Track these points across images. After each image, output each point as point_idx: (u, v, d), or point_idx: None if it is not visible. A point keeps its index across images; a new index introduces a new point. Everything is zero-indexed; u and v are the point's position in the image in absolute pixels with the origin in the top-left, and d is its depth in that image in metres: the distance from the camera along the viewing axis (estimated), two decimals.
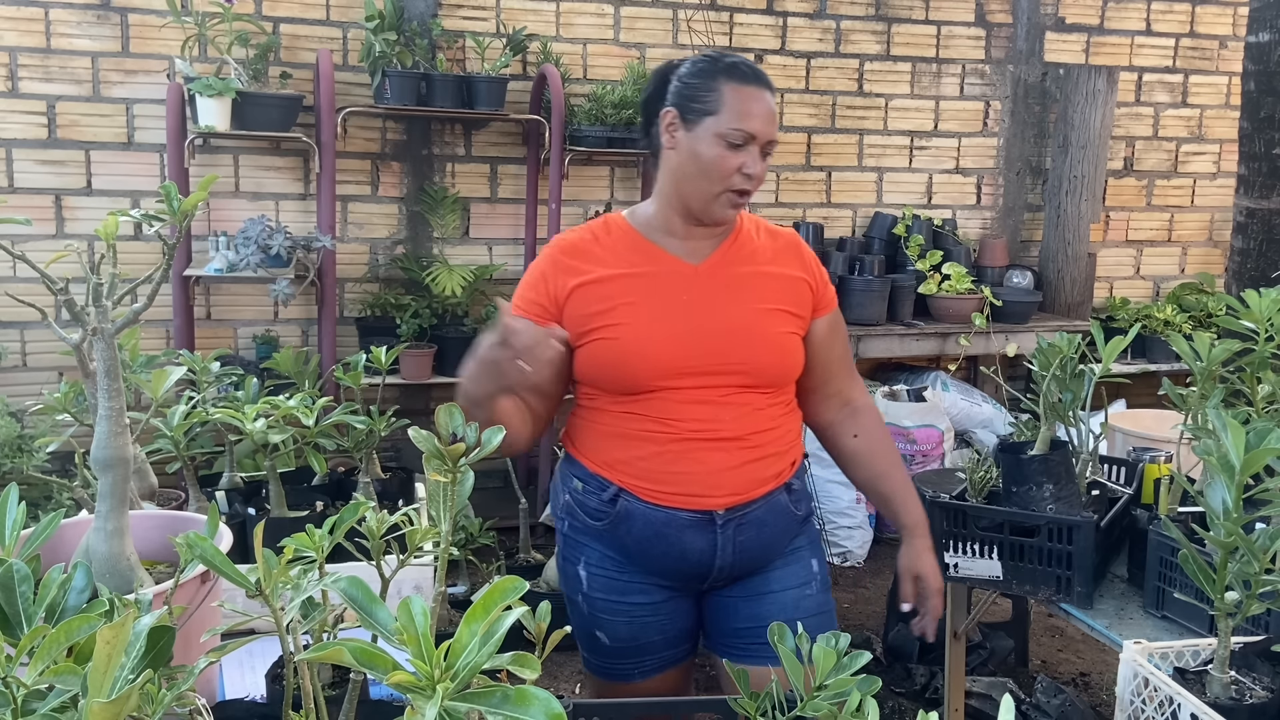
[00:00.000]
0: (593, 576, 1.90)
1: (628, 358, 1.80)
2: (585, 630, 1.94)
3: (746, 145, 1.78)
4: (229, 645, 1.18)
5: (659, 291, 1.83)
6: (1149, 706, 1.45)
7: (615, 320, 1.81)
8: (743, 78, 1.80)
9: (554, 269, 1.86)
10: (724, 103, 1.78)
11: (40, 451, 2.43)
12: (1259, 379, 1.99)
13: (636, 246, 1.88)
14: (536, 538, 4.02)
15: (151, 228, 1.58)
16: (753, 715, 1.34)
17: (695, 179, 1.81)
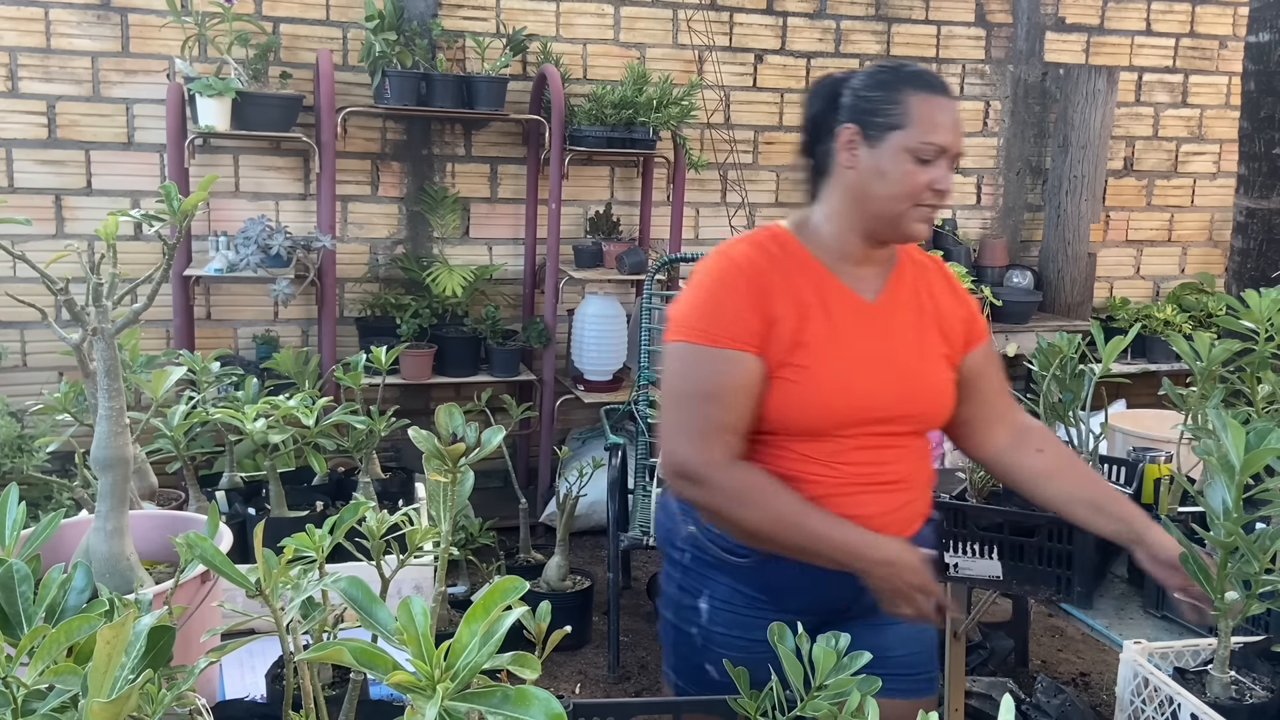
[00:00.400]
0: (715, 610, 1.79)
1: (812, 405, 1.69)
2: (693, 662, 1.83)
3: (937, 159, 1.66)
4: (229, 645, 1.18)
5: (840, 332, 1.71)
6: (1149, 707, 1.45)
7: (801, 363, 1.68)
8: (929, 87, 1.68)
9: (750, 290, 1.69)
10: (912, 115, 1.66)
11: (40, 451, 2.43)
12: (1259, 379, 1.99)
13: (814, 275, 1.74)
14: (536, 538, 4.02)
15: (151, 228, 1.58)
16: (753, 715, 1.34)
17: (882, 198, 1.69)
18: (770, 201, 4.85)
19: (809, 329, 1.69)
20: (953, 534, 2.07)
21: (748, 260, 1.71)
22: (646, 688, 3.29)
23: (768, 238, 1.76)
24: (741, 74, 4.73)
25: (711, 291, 1.70)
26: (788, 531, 1.66)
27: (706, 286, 1.71)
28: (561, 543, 3.48)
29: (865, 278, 1.77)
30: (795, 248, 1.75)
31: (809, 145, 1.79)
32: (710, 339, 1.66)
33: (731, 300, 1.67)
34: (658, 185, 4.63)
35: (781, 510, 1.65)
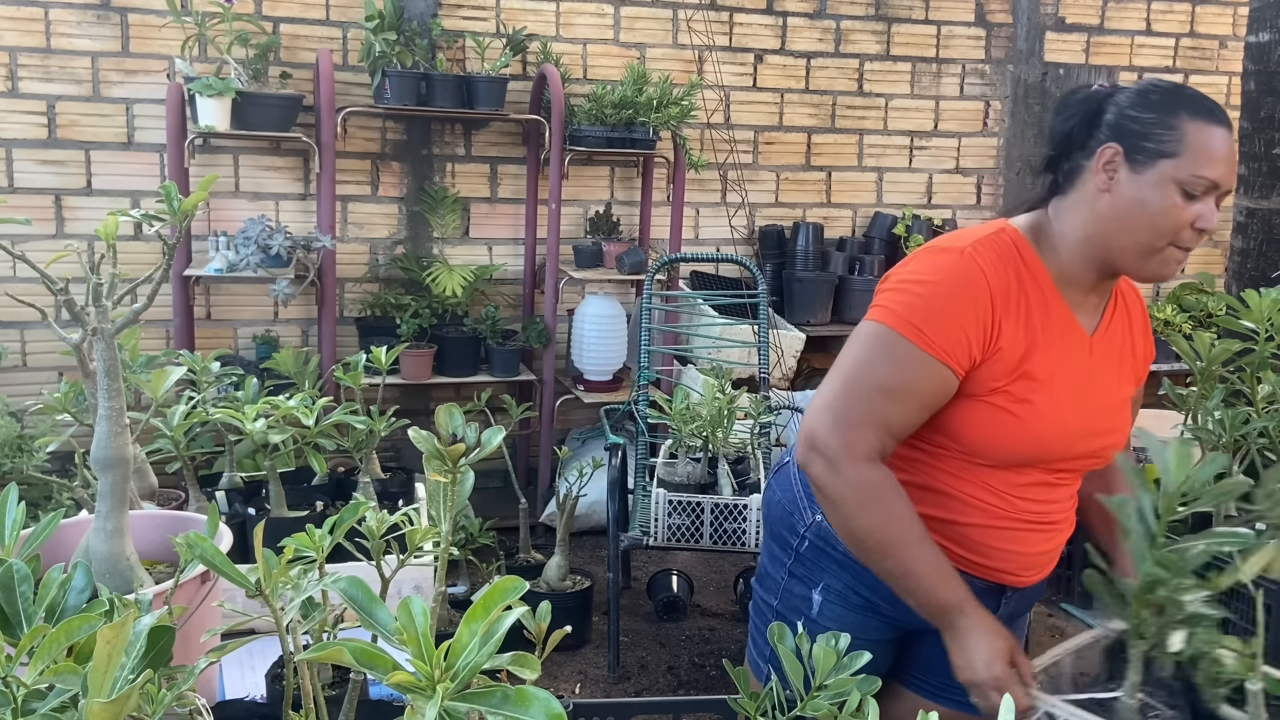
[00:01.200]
0: (828, 604, 1.73)
1: (1024, 439, 1.58)
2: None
3: (1205, 195, 1.51)
4: (229, 645, 1.18)
5: (1065, 369, 1.60)
6: None
7: (1022, 395, 1.57)
8: (1209, 115, 1.52)
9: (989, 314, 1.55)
10: (1186, 143, 1.50)
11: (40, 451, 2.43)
12: (1259, 379, 1.99)
13: (1047, 297, 1.61)
14: (536, 538, 4.02)
15: (151, 228, 1.58)
16: (753, 715, 1.34)
17: (1136, 230, 1.54)
18: (770, 201, 4.85)
19: (1035, 359, 1.57)
20: None
21: (993, 272, 1.56)
22: (646, 688, 3.29)
23: (1010, 245, 1.61)
24: (741, 74, 4.73)
25: (944, 293, 1.55)
26: (890, 551, 1.55)
27: (940, 286, 1.55)
28: (561, 543, 3.48)
29: (1087, 307, 1.65)
30: (1034, 261, 1.61)
31: (1054, 161, 1.64)
32: (922, 341, 1.53)
33: (961, 313, 1.54)
34: (658, 185, 4.63)
35: (896, 528, 1.54)
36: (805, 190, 4.90)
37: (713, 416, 3.28)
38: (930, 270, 1.57)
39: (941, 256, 1.58)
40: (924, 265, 1.59)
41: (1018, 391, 1.56)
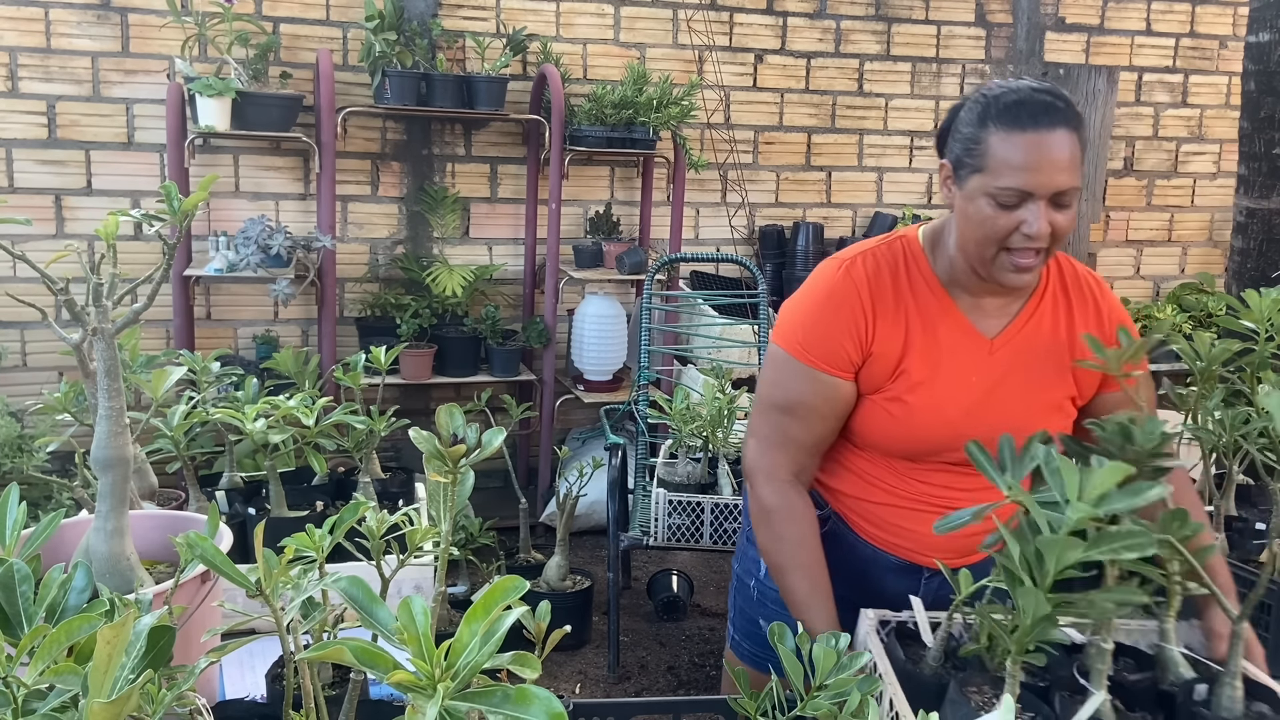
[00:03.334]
0: None
1: (904, 436, 1.65)
2: (749, 616, 1.86)
3: (1027, 202, 1.50)
4: (229, 645, 1.18)
5: (952, 368, 1.63)
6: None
7: (904, 391, 1.63)
8: (1014, 122, 1.50)
9: (861, 321, 1.62)
10: (992, 156, 1.51)
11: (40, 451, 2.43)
12: (1259, 379, 1.98)
13: (933, 301, 1.65)
14: (536, 538, 4.02)
15: (151, 228, 1.58)
16: (753, 715, 1.34)
17: (967, 240, 1.58)
18: (770, 201, 4.85)
19: (912, 360, 1.62)
20: None
21: (865, 279, 1.63)
22: (646, 688, 3.29)
23: (899, 250, 1.67)
24: (741, 74, 4.73)
25: (820, 306, 1.64)
26: (776, 572, 1.66)
27: (817, 299, 1.65)
28: (561, 543, 3.48)
29: (989, 310, 1.66)
30: (923, 266, 1.66)
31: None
32: (804, 356, 1.63)
33: (835, 323, 1.62)
34: (658, 185, 4.63)
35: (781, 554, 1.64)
36: (805, 190, 4.90)
37: (713, 416, 3.28)
38: (812, 286, 1.67)
39: (822, 271, 1.67)
40: (810, 281, 1.69)
41: (896, 390, 1.63)
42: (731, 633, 1.94)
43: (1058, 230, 1.52)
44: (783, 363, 1.65)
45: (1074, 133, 1.52)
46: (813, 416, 1.65)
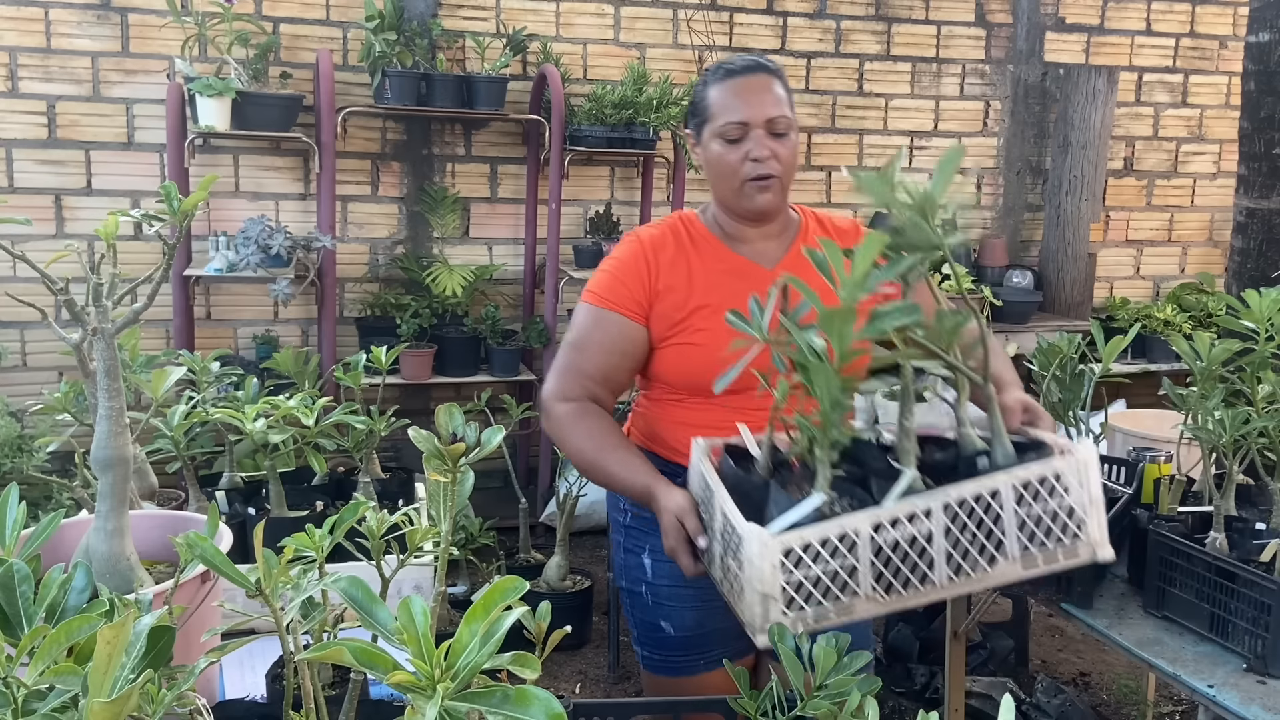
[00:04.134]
0: (657, 564, 1.89)
1: (709, 365, 1.75)
2: (648, 623, 1.93)
3: (746, 135, 1.80)
4: (229, 645, 1.18)
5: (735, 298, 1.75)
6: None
7: (696, 326, 1.82)
8: (728, 74, 1.84)
9: (644, 267, 1.87)
10: (712, 105, 1.83)
11: (40, 451, 2.43)
12: (1259, 379, 1.98)
13: (711, 248, 1.89)
14: (536, 538, 4.02)
15: (151, 228, 1.58)
16: (753, 715, 1.34)
17: (718, 182, 1.86)
18: None
19: (693, 300, 1.82)
20: None
21: (650, 239, 1.89)
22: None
23: (676, 220, 1.94)
24: None
25: (613, 264, 1.90)
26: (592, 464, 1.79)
27: (611, 260, 1.91)
28: (561, 543, 3.48)
29: (762, 250, 1.90)
30: (698, 229, 1.92)
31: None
32: (596, 300, 1.87)
33: (625, 271, 1.87)
34: (658, 185, 4.63)
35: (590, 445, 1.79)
36: (805, 190, 4.90)
37: None
38: (612, 253, 1.95)
39: (620, 242, 1.96)
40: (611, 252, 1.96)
41: (691, 325, 1.83)
42: (640, 653, 1.97)
43: (781, 158, 1.81)
44: (580, 312, 1.90)
45: (775, 77, 1.84)
46: (599, 350, 1.85)
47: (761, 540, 1.35)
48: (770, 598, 1.37)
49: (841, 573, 1.38)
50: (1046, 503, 1.39)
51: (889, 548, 1.39)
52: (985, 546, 1.41)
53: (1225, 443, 1.94)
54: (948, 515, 1.39)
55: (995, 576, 1.42)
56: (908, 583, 1.41)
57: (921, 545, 1.39)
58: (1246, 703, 1.65)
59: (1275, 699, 1.66)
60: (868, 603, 1.41)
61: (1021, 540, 1.40)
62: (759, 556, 1.35)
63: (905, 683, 3.27)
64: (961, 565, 1.41)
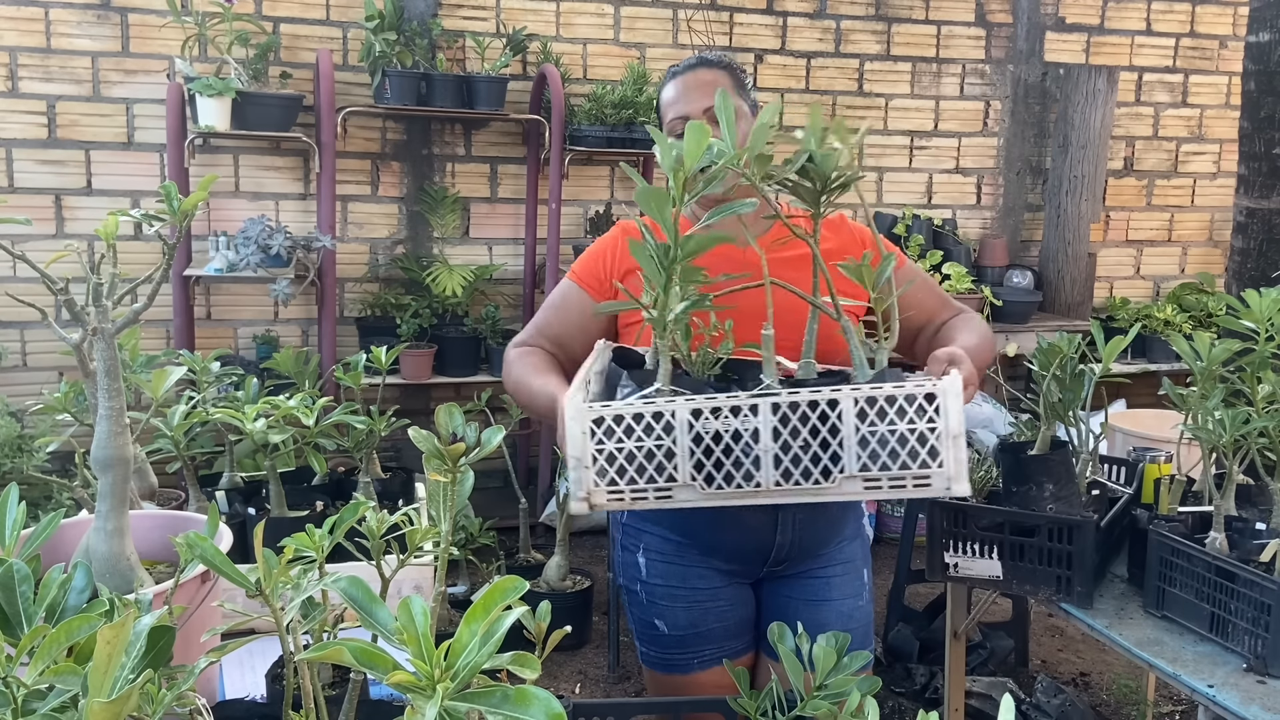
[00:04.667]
0: (651, 563, 1.94)
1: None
2: (644, 620, 1.96)
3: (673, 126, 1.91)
4: (229, 645, 1.18)
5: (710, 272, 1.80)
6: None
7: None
8: (673, 74, 1.96)
9: (613, 249, 1.96)
10: (663, 104, 1.96)
11: (40, 451, 2.43)
12: (1259, 379, 1.98)
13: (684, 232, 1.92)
14: (536, 538, 4.02)
15: (151, 228, 1.58)
16: (753, 715, 1.34)
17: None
18: None
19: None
20: (952, 534, 2.07)
21: (631, 226, 1.99)
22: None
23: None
24: None
25: (591, 246, 2.03)
26: (518, 392, 1.89)
27: (595, 244, 2.03)
28: (561, 543, 3.48)
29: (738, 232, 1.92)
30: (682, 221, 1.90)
31: None
32: (570, 274, 2.01)
33: (596, 253, 1.99)
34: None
35: (518, 371, 1.90)
36: None
37: None
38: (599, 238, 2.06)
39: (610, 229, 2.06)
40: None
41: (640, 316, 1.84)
42: (639, 648, 2.02)
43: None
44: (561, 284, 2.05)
45: (717, 68, 1.93)
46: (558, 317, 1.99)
47: (575, 407, 1.44)
48: (583, 464, 1.44)
49: (658, 454, 1.44)
50: (895, 425, 1.41)
51: (709, 438, 1.44)
52: (820, 458, 1.43)
53: (1225, 443, 1.94)
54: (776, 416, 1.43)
55: (832, 490, 1.45)
56: (730, 478, 1.45)
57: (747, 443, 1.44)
58: (1246, 703, 1.65)
59: (1275, 699, 1.66)
60: (688, 490, 1.46)
61: (862, 458, 1.43)
62: (571, 421, 1.43)
63: (905, 683, 3.27)
64: (792, 471, 1.44)
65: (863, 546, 2.02)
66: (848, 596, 1.95)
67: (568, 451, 1.45)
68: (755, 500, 1.47)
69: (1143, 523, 2.03)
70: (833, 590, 1.94)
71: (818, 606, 1.91)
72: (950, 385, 1.42)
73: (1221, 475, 2.03)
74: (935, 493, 1.44)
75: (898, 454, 1.42)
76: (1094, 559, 1.96)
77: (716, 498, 1.47)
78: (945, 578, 2.07)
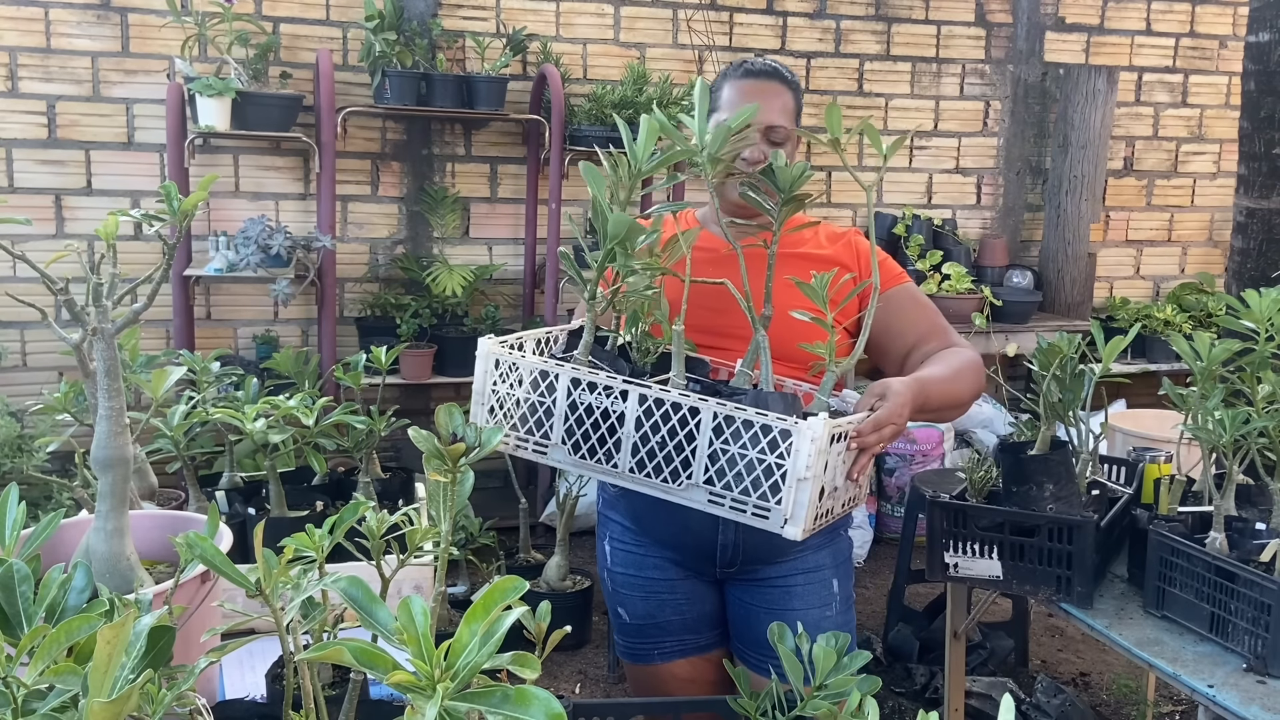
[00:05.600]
0: (615, 551, 1.97)
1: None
2: (611, 608, 2.02)
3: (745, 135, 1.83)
4: (229, 645, 1.18)
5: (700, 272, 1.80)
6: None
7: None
8: (746, 74, 1.90)
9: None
10: (724, 98, 1.91)
11: (40, 451, 2.43)
12: (1259, 379, 1.98)
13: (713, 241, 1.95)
14: (536, 538, 4.02)
15: (151, 228, 1.58)
16: (753, 715, 1.34)
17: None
18: None
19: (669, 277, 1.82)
20: (953, 534, 2.07)
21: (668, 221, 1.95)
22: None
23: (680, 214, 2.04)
24: None
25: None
26: None
27: None
28: (561, 543, 3.48)
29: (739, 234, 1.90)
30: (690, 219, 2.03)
31: None
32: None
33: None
34: None
35: None
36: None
37: None
38: None
39: None
40: None
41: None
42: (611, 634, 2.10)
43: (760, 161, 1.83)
44: None
45: (787, 88, 1.91)
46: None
47: (484, 345, 1.63)
48: (480, 396, 1.62)
49: (539, 410, 1.59)
50: (747, 451, 1.46)
51: (583, 409, 1.56)
52: (673, 458, 1.51)
53: (1225, 443, 1.94)
54: (642, 408, 1.52)
55: (678, 493, 1.53)
56: (594, 451, 1.57)
57: (613, 424, 1.54)
58: (1246, 703, 1.65)
59: (1275, 699, 1.66)
60: (559, 450, 1.60)
61: (709, 472, 1.49)
62: (479, 357, 1.63)
63: (905, 683, 3.27)
64: (646, 463, 1.54)
65: (834, 555, 1.97)
66: (812, 607, 1.91)
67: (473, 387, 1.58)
68: (613, 480, 1.59)
69: (1143, 523, 2.03)
70: (794, 599, 1.90)
71: (780, 615, 1.87)
72: (808, 429, 1.42)
73: (1221, 475, 2.03)
74: (771, 528, 1.47)
75: (742, 478, 1.47)
76: (1094, 559, 1.97)
77: (581, 466, 1.59)
78: (945, 578, 2.07)
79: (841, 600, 1.97)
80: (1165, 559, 1.91)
